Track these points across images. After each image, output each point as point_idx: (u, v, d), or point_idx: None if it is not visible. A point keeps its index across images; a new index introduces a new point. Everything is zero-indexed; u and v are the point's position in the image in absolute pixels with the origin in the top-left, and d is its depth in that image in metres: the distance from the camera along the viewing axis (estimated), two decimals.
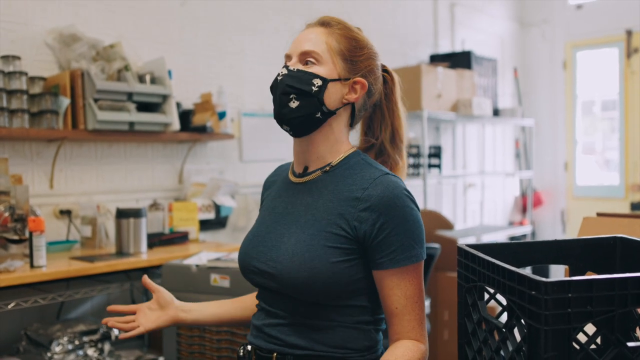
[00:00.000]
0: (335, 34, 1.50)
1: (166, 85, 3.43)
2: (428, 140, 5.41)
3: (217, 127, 3.77)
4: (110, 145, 3.57)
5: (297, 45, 1.52)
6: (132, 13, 3.68)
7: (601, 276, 0.95)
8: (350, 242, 1.41)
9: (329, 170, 1.51)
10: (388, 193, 1.41)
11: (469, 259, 1.20)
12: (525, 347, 0.98)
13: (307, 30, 1.54)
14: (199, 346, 2.67)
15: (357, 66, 1.51)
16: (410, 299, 1.41)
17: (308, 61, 1.49)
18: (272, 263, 1.46)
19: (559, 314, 0.93)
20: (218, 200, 3.80)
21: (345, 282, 1.41)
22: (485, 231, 5.60)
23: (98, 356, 2.88)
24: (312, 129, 1.50)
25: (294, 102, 1.47)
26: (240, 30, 4.27)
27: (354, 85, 1.51)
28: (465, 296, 1.21)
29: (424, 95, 4.87)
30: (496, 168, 6.91)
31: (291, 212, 1.52)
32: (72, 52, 3.22)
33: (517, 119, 6.12)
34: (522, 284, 0.98)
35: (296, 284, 1.40)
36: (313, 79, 1.46)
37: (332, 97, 1.48)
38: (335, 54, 1.49)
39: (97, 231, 3.29)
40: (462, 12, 6.41)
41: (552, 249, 1.32)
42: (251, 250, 1.54)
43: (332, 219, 1.43)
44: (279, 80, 1.50)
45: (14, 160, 3.15)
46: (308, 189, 1.53)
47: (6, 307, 2.67)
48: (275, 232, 1.51)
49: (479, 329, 1.16)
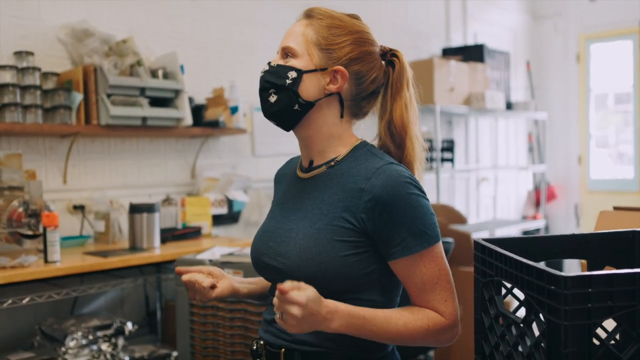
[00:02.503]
0: (314, 24, 1.50)
1: (178, 80, 3.43)
2: (441, 134, 5.38)
3: (229, 122, 3.76)
4: (123, 140, 3.57)
5: (282, 40, 1.53)
6: (144, 8, 3.68)
7: (621, 271, 0.94)
8: (358, 234, 1.40)
9: (334, 165, 1.50)
10: (391, 182, 1.38)
11: (486, 254, 1.18)
12: (544, 342, 0.97)
13: (294, 24, 1.55)
14: (213, 341, 2.67)
15: (336, 54, 1.48)
16: (428, 282, 1.38)
17: (287, 55, 1.50)
18: (281, 259, 1.46)
19: (579, 309, 0.92)
20: (231, 195, 3.80)
21: (355, 276, 1.40)
22: (498, 225, 5.58)
23: (112, 351, 2.89)
24: (295, 120, 1.50)
25: (273, 96, 1.49)
26: (252, 25, 4.26)
27: (334, 74, 1.48)
28: (482, 291, 1.20)
29: (436, 89, 4.85)
30: (509, 162, 6.88)
31: (299, 207, 1.52)
32: (85, 47, 3.22)
33: (530, 112, 6.08)
34: (541, 279, 0.97)
35: (305, 279, 1.39)
36: (288, 72, 1.47)
37: (309, 89, 1.47)
38: (311, 44, 1.48)
39: (110, 226, 3.29)
40: (474, 5, 6.37)
41: (569, 243, 1.30)
42: (262, 246, 1.54)
43: (339, 213, 1.42)
44: (260, 77, 1.52)
45: (28, 155, 3.16)
46: (315, 183, 1.52)
47: (21, 302, 2.68)
48: (284, 228, 1.51)
49: (496, 324, 1.15)
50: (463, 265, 4.20)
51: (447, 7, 6.06)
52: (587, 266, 1.32)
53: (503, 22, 6.81)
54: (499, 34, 6.69)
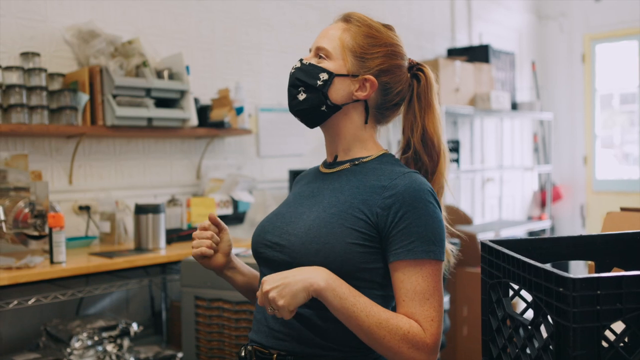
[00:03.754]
0: (351, 30, 1.52)
1: (184, 81, 3.43)
2: (446, 135, 5.36)
3: (234, 123, 3.77)
4: (129, 141, 3.58)
5: (317, 40, 1.56)
6: (149, 9, 3.68)
7: (631, 273, 0.93)
8: (369, 227, 1.40)
9: (359, 164, 1.53)
10: (415, 187, 1.41)
11: (493, 255, 1.18)
12: (552, 344, 0.96)
13: (331, 26, 1.56)
14: (218, 342, 2.67)
15: (368, 64, 1.51)
16: (420, 294, 1.35)
17: (320, 56, 1.53)
18: (287, 236, 1.47)
19: (587, 311, 0.92)
20: (236, 196, 3.80)
21: (356, 267, 1.39)
22: (504, 226, 5.56)
23: (117, 352, 2.89)
24: (320, 120, 1.54)
25: (302, 94, 1.52)
26: (257, 25, 4.26)
27: (364, 82, 1.51)
28: (489, 292, 1.19)
29: (441, 90, 4.84)
30: (514, 162, 6.86)
31: (316, 194, 1.54)
32: (91, 48, 3.23)
33: (536, 112, 6.07)
34: (549, 281, 0.96)
35: (307, 256, 1.39)
36: (320, 73, 1.50)
37: (338, 93, 1.50)
38: (346, 50, 1.50)
39: (115, 227, 3.30)
40: (480, 5, 6.36)
41: (577, 244, 1.29)
42: (268, 226, 1.55)
43: (356, 204, 1.44)
44: (291, 73, 1.55)
45: (34, 156, 3.17)
46: (337, 176, 1.54)
47: (26, 302, 2.69)
48: (296, 211, 1.53)
49: (504, 326, 1.15)
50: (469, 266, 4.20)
51: (453, 7, 6.05)
52: (595, 268, 1.31)
53: (508, 22, 6.80)
54: (504, 34, 6.68)
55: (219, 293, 2.66)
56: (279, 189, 4.33)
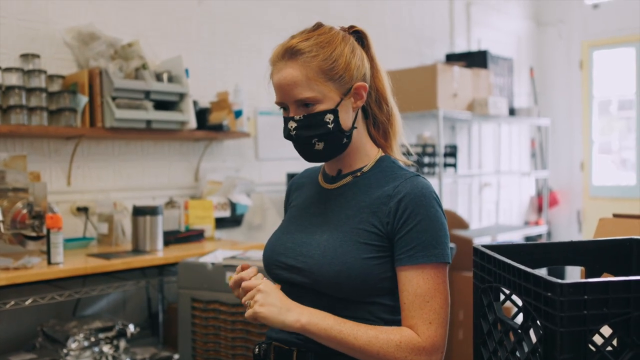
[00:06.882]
0: (308, 62, 1.44)
1: (183, 84, 3.44)
2: (444, 140, 5.39)
3: (233, 126, 3.78)
4: (128, 143, 3.59)
5: (285, 94, 1.47)
6: (150, 12, 3.70)
7: (617, 278, 0.95)
8: (381, 239, 1.42)
9: (360, 175, 1.53)
10: (417, 191, 1.42)
11: (485, 260, 1.20)
12: (540, 348, 0.98)
13: (282, 72, 1.47)
14: (214, 344, 2.68)
15: (347, 75, 1.46)
16: (420, 297, 1.38)
17: (307, 104, 1.45)
18: (302, 258, 1.47)
19: (574, 315, 0.93)
20: (234, 199, 3.81)
21: (375, 279, 1.42)
22: (500, 231, 5.57)
23: (113, 353, 2.90)
24: (344, 149, 1.51)
25: (318, 144, 1.47)
26: (257, 29, 4.28)
27: (356, 92, 1.49)
28: (480, 297, 1.21)
29: (439, 95, 4.86)
30: (512, 167, 6.88)
31: (324, 213, 1.54)
32: (91, 50, 3.24)
33: (533, 118, 6.08)
34: (538, 286, 0.98)
35: (327, 278, 1.41)
36: (324, 117, 1.45)
37: (345, 119, 1.48)
38: (322, 82, 1.44)
39: (113, 228, 3.31)
40: (479, 11, 6.39)
41: (568, 250, 1.31)
42: (278, 247, 1.55)
43: (365, 217, 1.45)
44: (295, 135, 1.48)
45: (33, 157, 3.18)
46: (341, 193, 1.54)
47: (23, 303, 2.69)
48: (306, 231, 1.53)
49: (495, 329, 1.16)
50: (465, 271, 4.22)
51: (452, 13, 6.07)
52: (585, 273, 1.33)
53: (507, 28, 6.82)
54: (502, 40, 6.71)
55: (216, 295, 2.68)
56: (277, 191, 4.34)
